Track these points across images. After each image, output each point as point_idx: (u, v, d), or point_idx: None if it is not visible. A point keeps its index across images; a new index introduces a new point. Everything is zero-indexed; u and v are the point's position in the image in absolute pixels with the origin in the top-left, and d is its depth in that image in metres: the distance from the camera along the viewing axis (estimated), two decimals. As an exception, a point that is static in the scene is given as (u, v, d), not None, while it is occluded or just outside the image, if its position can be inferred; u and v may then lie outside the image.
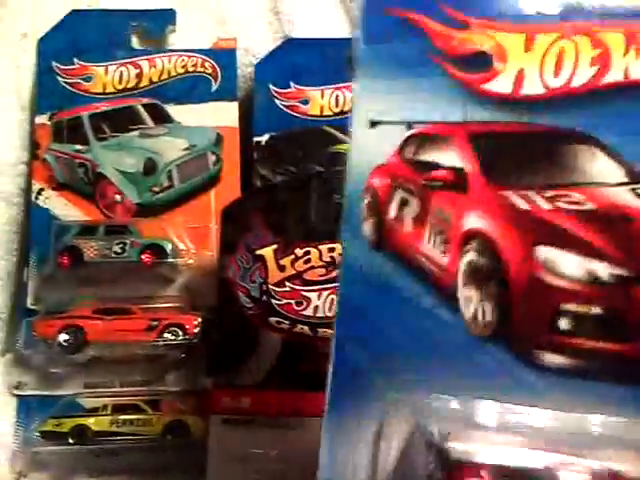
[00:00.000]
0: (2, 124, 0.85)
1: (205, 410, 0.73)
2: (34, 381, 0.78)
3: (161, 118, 0.87)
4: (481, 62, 0.40)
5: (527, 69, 0.39)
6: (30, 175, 0.84)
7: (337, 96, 0.88)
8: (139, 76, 0.87)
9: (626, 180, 0.39)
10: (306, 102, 0.88)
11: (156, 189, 0.84)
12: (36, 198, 0.83)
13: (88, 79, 0.87)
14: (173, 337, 0.75)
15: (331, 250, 0.72)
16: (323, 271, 0.72)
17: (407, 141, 0.42)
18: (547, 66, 0.39)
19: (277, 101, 0.88)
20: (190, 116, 0.87)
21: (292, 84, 0.88)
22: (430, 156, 0.42)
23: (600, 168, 0.40)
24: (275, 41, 0.91)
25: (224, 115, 0.86)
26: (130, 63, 0.87)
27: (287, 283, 0.72)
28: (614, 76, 0.39)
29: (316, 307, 0.72)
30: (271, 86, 0.88)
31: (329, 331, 0.70)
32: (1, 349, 0.80)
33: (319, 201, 0.74)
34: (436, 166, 0.42)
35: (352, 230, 0.43)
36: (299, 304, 0.72)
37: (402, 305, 0.41)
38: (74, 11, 0.88)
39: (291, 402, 0.70)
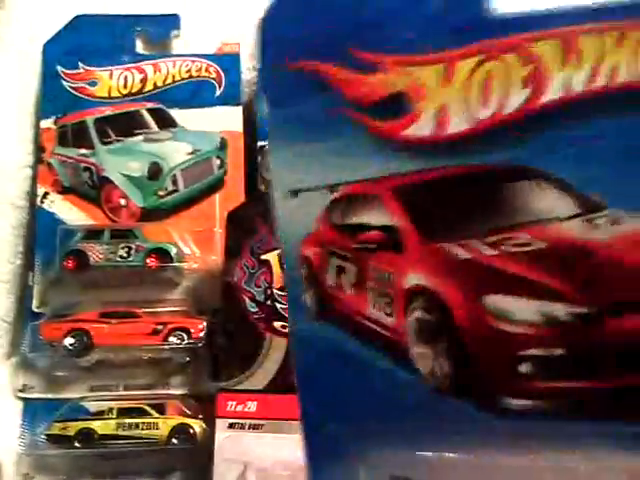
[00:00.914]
0: (7, 128, 0.86)
1: (210, 414, 0.73)
2: (39, 384, 0.78)
3: (166, 123, 0.87)
4: (398, 106, 0.34)
5: (450, 104, 0.33)
6: (35, 179, 0.84)
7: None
8: (144, 81, 0.87)
9: (578, 212, 0.35)
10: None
11: (161, 193, 0.84)
12: (41, 202, 0.83)
13: (93, 83, 0.87)
14: (178, 341, 0.76)
15: None
16: None
17: (332, 206, 0.38)
18: (472, 96, 0.33)
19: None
20: (194, 121, 0.87)
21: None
22: (358, 218, 0.39)
23: (547, 202, 0.36)
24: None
25: (228, 120, 0.87)
26: (135, 68, 0.87)
27: None
28: (552, 95, 0.32)
29: None
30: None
31: None
32: (6, 352, 0.81)
33: None
34: (366, 227, 0.38)
35: (295, 302, 0.40)
36: None
37: (358, 370, 0.37)
38: (79, 15, 0.88)
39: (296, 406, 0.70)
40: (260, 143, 0.86)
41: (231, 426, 0.71)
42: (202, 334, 0.76)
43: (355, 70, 0.34)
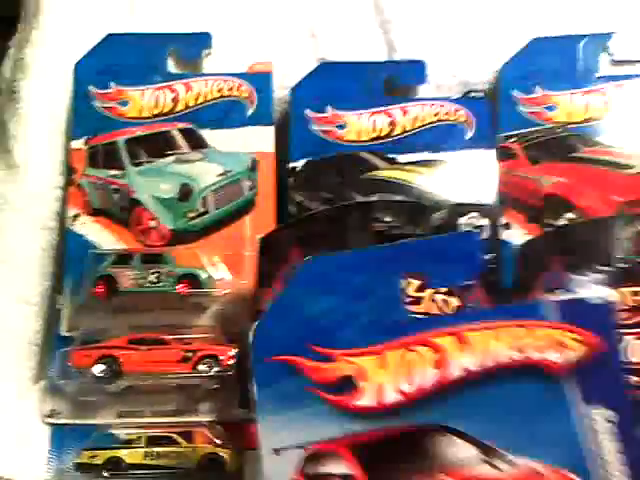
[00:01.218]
0: (38, 148, 0.85)
1: (238, 442, 0.72)
2: (67, 409, 0.77)
3: (197, 143, 0.86)
4: (348, 385, 0.51)
5: (385, 383, 0.50)
6: (66, 200, 0.84)
7: (374, 121, 0.87)
8: (175, 100, 0.86)
9: (482, 457, 0.49)
10: (342, 127, 0.87)
11: (191, 215, 0.83)
12: (72, 223, 0.82)
13: (124, 103, 0.86)
14: (207, 368, 0.74)
15: None
16: None
17: (306, 460, 0.51)
18: (400, 376, 0.50)
19: (313, 126, 0.86)
20: (225, 141, 0.86)
21: (328, 108, 0.87)
22: (326, 469, 0.51)
23: (458, 450, 0.49)
24: (311, 64, 0.90)
25: (259, 140, 0.85)
26: (166, 87, 0.86)
27: None
28: (455, 373, 0.49)
29: None
30: (307, 110, 0.87)
31: None
32: (34, 376, 0.80)
33: (357, 232, 0.73)
34: (331, 476, 0.50)
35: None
36: None
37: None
38: (110, 35, 0.87)
39: None
40: (291, 165, 0.84)
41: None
42: (231, 361, 0.75)
43: (316, 361, 0.51)
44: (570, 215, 0.82)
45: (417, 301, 0.66)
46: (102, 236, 0.82)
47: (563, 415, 0.46)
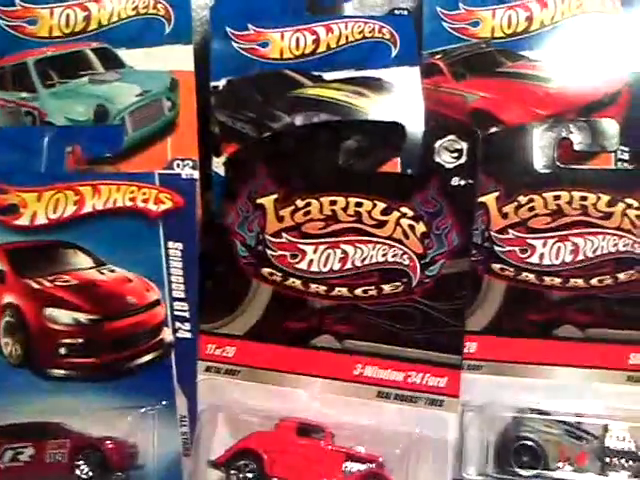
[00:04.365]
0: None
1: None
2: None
3: (112, 63, 0.83)
4: (13, 209, 0.70)
5: (38, 210, 0.70)
6: (-27, 124, 0.80)
7: (298, 38, 0.85)
8: (87, 19, 0.82)
9: (93, 265, 0.71)
10: (265, 45, 0.84)
11: (109, 137, 0.80)
12: (-20, 148, 0.79)
13: (33, 22, 0.81)
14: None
15: (332, 203, 0.71)
16: (322, 224, 0.71)
17: None
18: (49, 208, 0.70)
19: (235, 44, 0.84)
20: (143, 60, 0.82)
21: (250, 26, 0.84)
22: None
23: (79, 260, 0.71)
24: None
25: (178, 59, 0.82)
26: (77, 5, 0.82)
27: (284, 234, 0.71)
28: (87, 209, 0.71)
29: (311, 261, 0.70)
30: (228, 29, 0.84)
31: (321, 287, 0.70)
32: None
33: (324, 152, 0.72)
34: None
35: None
36: (294, 257, 0.71)
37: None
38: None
39: (274, 356, 0.70)
40: (213, 83, 0.82)
41: (208, 369, 0.70)
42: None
43: None
44: (495, 129, 0.82)
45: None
46: (14, 160, 0.79)
47: (153, 245, 0.70)
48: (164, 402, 0.69)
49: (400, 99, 0.82)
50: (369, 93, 0.83)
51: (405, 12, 0.89)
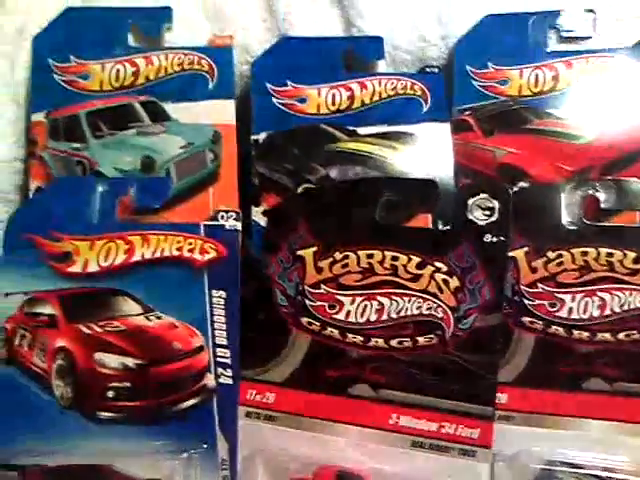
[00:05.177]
0: (-2, 121, 0.85)
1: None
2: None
3: (158, 116, 0.87)
4: (67, 258, 0.73)
5: (89, 258, 0.73)
6: (28, 173, 0.83)
7: (334, 94, 0.89)
8: (136, 74, 0.87)
9: (141, 312, 0.74)
10: (303, 101, 0.88)
11: (154, 187, 0.83)
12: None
13: (85, 77, 0.86)
14: None
15: (369, 256, 0.73)
16: (359, 277, 0.73)
17: (25, 302, 0.74)
18: (101, 256, 0.73)
19: (274, 99, 0.88)
20: (187, 114, 0.87)
21: (289, 82, 0.88)
22: (37, 309, 0.74)
23: (128, 307, 0.74)
24: (271, 39, 0.91)
25: (221, 113, 0.86)
26: (127, 61, 0.87)
27: (322, 285, 0.74)
28: (136, 258, 0.74)
29: (348, 312, 0.73)
30: (268, 84, 0.88)
31: (358, 337, 0.72)
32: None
33: (362, 206, 0.75)
34: (40, 315, 0.74)
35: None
36: (332, 307, 0.74)
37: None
38: (70, 8, 0.87)
39: (312, 404, 0.72)
40: (254, 137, 0.86)
41: (248, 415, 0.73)
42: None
43: (49, 240, 0.74)
44: (523, 184, 0.86)
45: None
46: (65, 208, 0.82)
47: (198, 293, 0.73)
48: (206, 445, 0.72)
49: (431, 153, 0.86)
50: (402, 147, 0.87)
51: (436, 70, 0.93)
